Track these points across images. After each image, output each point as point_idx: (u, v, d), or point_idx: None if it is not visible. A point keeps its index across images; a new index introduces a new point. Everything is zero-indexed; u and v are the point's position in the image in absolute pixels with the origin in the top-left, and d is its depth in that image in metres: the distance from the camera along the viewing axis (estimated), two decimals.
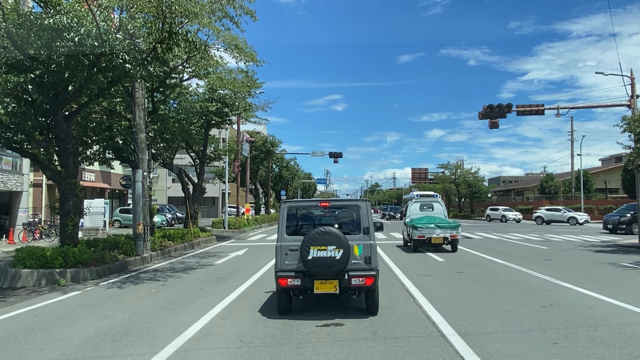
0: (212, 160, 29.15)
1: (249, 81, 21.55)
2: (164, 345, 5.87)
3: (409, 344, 5.84)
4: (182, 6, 10.54)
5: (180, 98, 19.43)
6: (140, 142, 15.36)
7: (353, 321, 6.90)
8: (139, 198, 15.21)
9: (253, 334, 6.36)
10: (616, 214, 29.10)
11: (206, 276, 11.73)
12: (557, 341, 5.88)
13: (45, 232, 22.14)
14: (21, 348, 5.91)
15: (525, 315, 7.23)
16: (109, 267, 12.32)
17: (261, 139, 43.53)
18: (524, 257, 14.99)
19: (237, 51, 16.36)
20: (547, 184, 58.11)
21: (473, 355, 5.30)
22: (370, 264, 7.07)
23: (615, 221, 27.69)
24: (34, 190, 27.34)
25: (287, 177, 54.62)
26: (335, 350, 5.58)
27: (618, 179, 47.91)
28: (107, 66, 11.02)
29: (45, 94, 11.82)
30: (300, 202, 8.35)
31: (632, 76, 20.96)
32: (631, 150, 19.17)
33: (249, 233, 29.84)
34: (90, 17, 10.12)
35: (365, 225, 7.27)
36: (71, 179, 12.48)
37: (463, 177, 60.04)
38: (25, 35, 9.85)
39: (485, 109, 22.16)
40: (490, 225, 38.77)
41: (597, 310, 7.59)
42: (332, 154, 46.67)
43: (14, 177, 22.53)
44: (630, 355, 5.34)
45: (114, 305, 8.40)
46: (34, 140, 12.68)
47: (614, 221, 27.84)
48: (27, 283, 10.61)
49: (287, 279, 7.03)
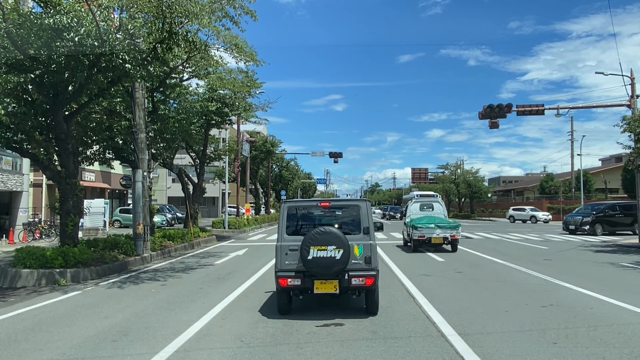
0: (212, 160, 29.14)
1: (249, 81, 21.54)
2: (164, 345, 5.87)
3: (409, 344, 5.84)
4: (182, 6, 10.54)
5: (180, 98, 19.44)
6: (140, 142, 15.36)
7: (353, 321, 6.90)
8: (139, 198, 15.21)
9: (253, 334, 6.36)
10: (578, 213, 27.59)
11: (206, 276, 11.73)
12: (557, 341, 5.88)
13: (45, 232, 22.14)
14: (21, 348, 5.91)
15: (525, 315, 7.23)
16: (109, 267, 12.32)
17: (261, 139, 43.52)
18: (524, 257, 14.98)
19: (237, 51, 16.37)
20: (547, 184, 58.08)
21: (473, 355, 5.30)
22: (370, 264, 7.07)
23: (578, 222, 26.35)
24: (34, 190, 27.34)
25: (287, 177, 54.62)
26: (335, 350, 5.58)
27: (618, 179, 47.87)
28: (107, 66, 11.02)
29: (45, 94, 11.82)
30: (300, 202, 8.34)
31: (632, 76, 20.96)
32: (631, 150, 19.18)
33: (249, 233, 29.84)
34: (90, 17, 10.12)
35: (365, 225, 7.27)
36: (71, 179, 12.48)
37: (463, 177, 60.04)
38: (25, 35, 9.85)
39: (485, 109, 22.16)
40: (491, 225, 38.77)
41: (597, 310, 7.59)
42: (332, 154, 46.68)
43: (14, 177, 22.53)
44: (630, 355, 5.34)
45: (114, 305, 8.40)
46: (34, 140, 12.67)
47: (577, 222, 26.48)
48: (27, 283, 10.61)
49: (287, 279, 7.03)
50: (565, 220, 28.31)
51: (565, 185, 56.40)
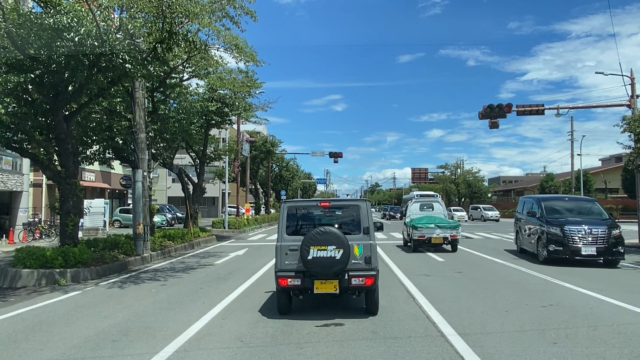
0: (212, 160, 29.15)
1: (249, 81, 21.54)
2: (164, 345, 5.87)
3: (409, 344, 5.84)
4: (182, 6, 10.54)
5: (180, 98, 19.43)
6: (140, 142, 15.36)
7: (353, 321, 6.90)
8: (139, 198, 15.21)
9: (253, 334, 6.37)
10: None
11: (206, 276, 11.73)
12: (557, 341, 5.88)
13: (45, 232, 22.14)
14: (21, 348, 5.91)
15: (525, 315, 7.23)
16: (109, 267, 12.32)
17: (261, 139, 43.52)
18: (524, 257, 14.98)
19: (237, 51, 16.37)
20: (547, 184, 58.06)
21: (473, 355, 5.30)
22: (370, 264, 7.07)
23: None
24: (34, 190, 27.34)
25: (287, 177, 54.61)
26: (335, 350, 5.58)
27: (618, 179, 47.94)
28: (107, 66, 11.01)
29: (45, 94, 11.82)
30: (300, 202, 8.34)
31: (632, 76, 20.96)
32: (631, 150, 19.18)
33: (249, 233, 29.84)
34: (90, 17, 10.12)
35: (365, 225, 7.27)
36: (71, 179, 12.48)
37: (463, 177, 60.11)
38: (25, 35, 9.85)
39: (485, 109, 22.16)
40: (491, 225, 38.77)
41: (597, 310, 7.59)
42: (332, 154, 46.63)
43: (14, 177, 22.52)
44: (630, 355, 5.34)
45: (114, 305, 8.40)
46: (34, 140, 12.68)
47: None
48: (28, 283, 10.61)
49: (287, 279, 7.03)
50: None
51: (565, 185, 56.33)
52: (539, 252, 13.87)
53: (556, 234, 13.27)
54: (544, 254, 13.48)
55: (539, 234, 14.02)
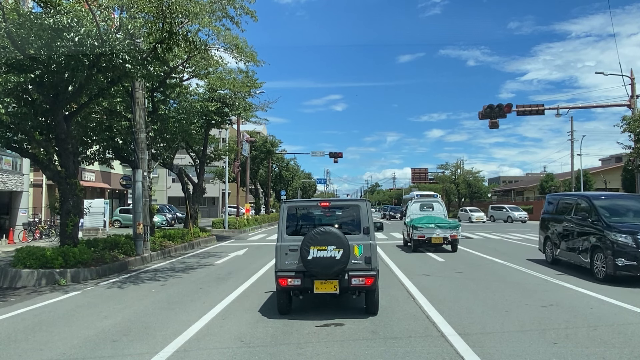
0: (212, 160, 29.14)
1: (249, 81, 21.54)
2: (164, 345, 5.87)
3: (409, 344, 5.84)
4: (182, 6, 10.54)
5: (180, 98, 19.43)
6: (140, 142, 15.36)
7: (353, 321, 6.90)
8: (139, 198, 15.21)
9: (253, 334, 6.37)
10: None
11: (206, 276, 11.73)
12: (557, 341, 5.88)
13: (45, 232, 22.14)
14: (21, 348, 5.91)
15: (525, 315, 7.23)
16: (109, 267, 12.32)
17: (261, 139, 43.53)
18: (524, 257, 14.97)
19: (237, 51, 16.37)
20: (547, 184, 58.01)
21: (473, 355, 5.30)
22: (370, 264, 7.07)
23: None
24: (34, 190, 27.33)
25: (287, 177, 54.62)
26: (335, 350, 5.58)
27: (618, 179, 47.86)
28: (107, 66, 11.01)
29: (45, 94, 11.82)
30: (301, 202, 8.34)
31: (632, 76, 20.99)
32: (631, 150, 19.22)
33: (249, 233, 29.84)
34: (90, 17, 10.12)
35: (365, 225, 7.27)
36: (71, 179, 12.48)
37: (463, 177, 60.09)
38: (25, 35, 9.85)
39: (485, 109, 22.19)
40: (491, 225, 38.75)
41: (597, 310, 7.59)
42: (332, 154, 46.66)
43: (14, 177, 22.52)
44: (630, 355, 5.34)
45: (114, 305, 8.40)
46: (34, 140, 12.67)
47: None
48: (28, 283, 10.61)
49: (287, 279, 7.04)
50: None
51: (565, 185, 56.32)
52: (596, 266, 10.71)
53: (627, 244, 9.99)
54: (606, 270, 10.26)
55: (595, 243, 10.82)
